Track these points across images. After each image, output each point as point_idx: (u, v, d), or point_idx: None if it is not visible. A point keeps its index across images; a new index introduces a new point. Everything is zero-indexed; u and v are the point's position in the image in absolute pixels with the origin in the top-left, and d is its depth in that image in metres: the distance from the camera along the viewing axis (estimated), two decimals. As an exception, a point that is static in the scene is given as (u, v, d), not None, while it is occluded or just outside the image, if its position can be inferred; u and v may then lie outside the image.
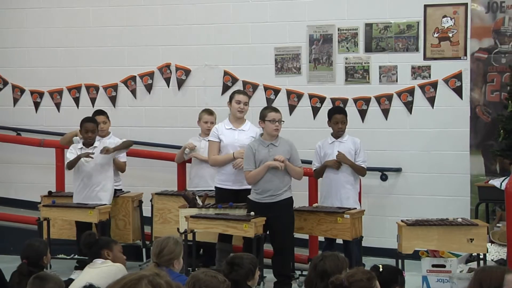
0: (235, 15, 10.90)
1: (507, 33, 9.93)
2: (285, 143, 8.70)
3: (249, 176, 8.61)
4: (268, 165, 8.51)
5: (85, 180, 9.36)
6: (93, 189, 9.34)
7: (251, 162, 8.58)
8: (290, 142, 8.75)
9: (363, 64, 10.50)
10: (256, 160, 8.58)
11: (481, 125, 10.07)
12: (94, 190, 9.33)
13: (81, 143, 9.39)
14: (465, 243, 8.23)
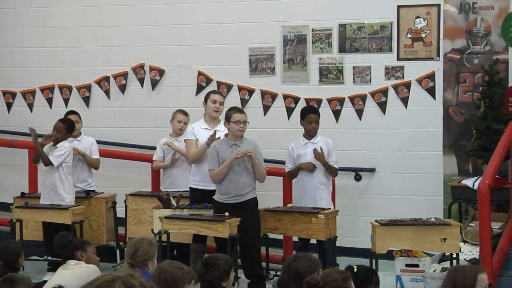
0: (209, 16, 10.89)
1: (479, 34, 9.98)
2: (248, 144, 8.67)
3: (214, 173, 8.57)
4: (232, 160, 8.48)
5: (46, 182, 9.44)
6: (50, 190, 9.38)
7: (215, 161, 8.57)
8: (254, 143, 8.72)
9: (337, 65, 10.52)
10: (220, 159, 8.57)
11: (454, 125, 10.13)
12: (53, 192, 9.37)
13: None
14: (438, 242, 8.27)
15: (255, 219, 8.73)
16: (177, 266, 5.33)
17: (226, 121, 8.65)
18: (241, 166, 8.59)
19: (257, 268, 8.78)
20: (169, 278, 5.16)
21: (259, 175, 8.73)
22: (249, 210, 8.66)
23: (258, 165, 8.63)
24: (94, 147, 9.95)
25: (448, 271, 5.55)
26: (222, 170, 8.51)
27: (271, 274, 9.11)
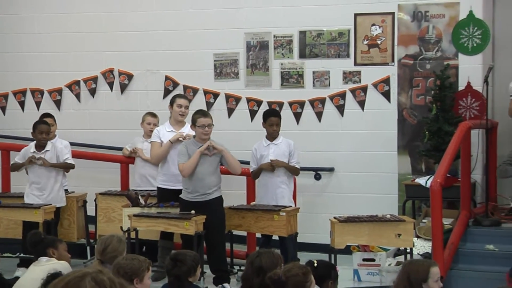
0: (176, 23, 10.87)
1: (431, 41, 10.05)
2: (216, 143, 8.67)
3: (183, 166, 8.50)
4: (199, 152, 8.43)
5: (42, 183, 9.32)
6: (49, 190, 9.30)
7: (185, 155, 8.52)
8: (219, 143, 8.71)
9: (297, 70, 10.55)
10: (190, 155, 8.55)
11: (407, 127, 10.18)
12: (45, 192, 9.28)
13: (33, 146, 9.30)
14: (393, 238, 8.32)
15: (220, 217, 8.72)
16: (132, 258, 5.36)
17: (192, 124, 8.63)
18: (209, 166, 8.57)
19: (222, 263, 8.78)
20: (128, 271, 5.17)
21: (233, 164, 8.69)
22: (215, 208, 8.64)
23: (228, 155, 8.60)
24: (67, 150, 9.85)
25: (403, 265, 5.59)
26: (192, 161, 8.44)
27: (236, 269, 9.10)
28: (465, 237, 9.02)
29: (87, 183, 10.52)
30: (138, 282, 5.19)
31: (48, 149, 9.26)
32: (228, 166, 8.73)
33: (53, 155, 9.29)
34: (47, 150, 9.26)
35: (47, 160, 9.18)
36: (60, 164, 9.33)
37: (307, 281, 4.83)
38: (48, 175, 9.26)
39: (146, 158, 9.70)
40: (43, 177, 9.27)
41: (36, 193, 9.28)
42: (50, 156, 9.24)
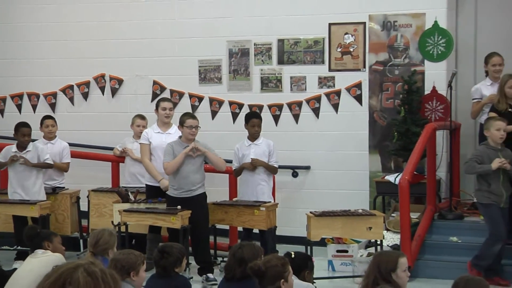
0: (163, 31, 10.85)
1: (399, 49, 10.08)
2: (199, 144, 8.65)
3: (168, 165, 8.50)
4: (183, 154, 8.43)
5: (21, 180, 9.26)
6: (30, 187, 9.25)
7: (171, 155, 8.51)
8: (204, 143, 8.71)
9: (276, 75, 10.55)
10: (174, 156, 8.54)
11: (378, 128, 10.21)
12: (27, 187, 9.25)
13: (15, 146, 9.27)
14: (365, 231, 8.33)
15: (204, 212, 8.71)
16: (128, 253, 5.36)
17: (180, 125, 8.62)
18: (193, 165, 8.56)
19: (206, 255, 8.76)
20: (125, 264, 5.17)
21: (216, 162, 8.68)
22: (199, 204, 8.64)
23: (210, 153, 8.60)
24: (66, 152, 9.84)
25: (373, 256, 5.59)
26: (176, 161, 8.44)
27: (219, 260, 9.10)
28: (431, 230, 9.06)
29: (80, 181, 10.47)
30: (134, 275, 5.19)
31: (30, 149, 9.23)
32: (212, 165, 8.74)
33: (34, 155, 9.25)
34: (29, 150, 9.22)
35: (29, 160, 9.14)
36: (41, 164, 9.27)
37: (285, 271, 4.83)
38: (29, 174, 9.21)
39: (136, 158, 9.70)
40: (25, 176, 9.21)
41: (18, 191, 9.24)
42: (31, 156, 9.21)
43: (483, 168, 8.18)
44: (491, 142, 8.30)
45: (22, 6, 11.43)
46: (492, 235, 8.22)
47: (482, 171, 8.21)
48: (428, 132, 9.07)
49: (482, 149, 8.39)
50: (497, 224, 8.20)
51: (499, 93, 8.68)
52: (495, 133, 8.22)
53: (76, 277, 2.13)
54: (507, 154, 8.25)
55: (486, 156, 8.23)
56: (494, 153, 8.22)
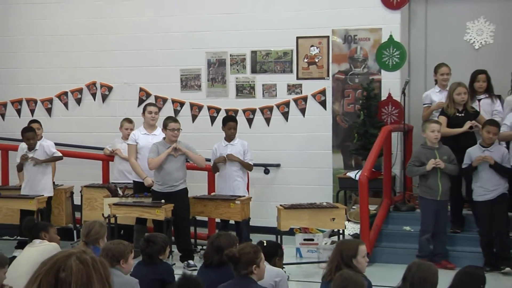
0: (148, 44, 10.82)
1: (359, 59, 10.12)
2: (182, 144, 8.65)
3: (151, 161, 8.51)
4: (166, 153, 8.43)
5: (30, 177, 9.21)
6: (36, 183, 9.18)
7: (155, 153, 8.52)
8: (185, 143, 8.71)
9: (249, 83, 10.55)
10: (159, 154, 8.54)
11: (340, 130, 10.24)
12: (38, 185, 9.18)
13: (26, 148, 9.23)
14: (329, 221, 8.35)
15: (185, 205, 8.70)
16: (118, 243, 5.34)
17: (163, 128, 8.62)
18: (176, 164, 8.56)
19: (187, 243, 8.75)
20: (115, 253, 5.15)
21: (196, 160, 8.71)
22: (181, 198, 8.63)
23: (190, 152, 8.59)
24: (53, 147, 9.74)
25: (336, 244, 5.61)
26: (159, 159, 8.45)
27: (199, 248, 9.07)
28: (387, 220, 9.10)
29: (74, 178, 10.40)
30: (123, 263, 5.16)
31: (37, 149, 9.21)
32: (193, 162, 8.74)
33: (41, 152, 9.22)
34: (36, 149, 9.21)
35: (37, 157, 9.12)
36: (50, 158, 9.26)
37: (256, 257, 4.83)
38: (36, 171, 9.16)
39: (124, 157, 9.65)
40: (33, 173, 9.17)
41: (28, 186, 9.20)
42: (38, 154, 9.18)
43: (419, 170, 8.27)
44: (428, 142, 8.37)
45: (21, 21, 11.35)
46: (421, 226, 8.34)
47: (420, 173, 8.30)
48: (385, 133, 9.12)
49: (419, 150, 8.46)
50: (426, 218, 8.32)
51: (448, 99, 8.73)
52: (430, 135, 8.29)
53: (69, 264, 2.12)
54: (444, 152, 8.30)
55: (423, 156, 8.30)
56: (431, 152, 8.28)
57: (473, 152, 8.23)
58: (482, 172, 8.14)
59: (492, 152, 8.15)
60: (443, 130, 8.48)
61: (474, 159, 8.13)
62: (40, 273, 2.11)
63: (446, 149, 8.33)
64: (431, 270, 4.85)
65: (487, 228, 8.18)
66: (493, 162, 8.04)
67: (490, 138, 8.15)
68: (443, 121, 8.60)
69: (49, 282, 2.09)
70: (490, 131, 8.14)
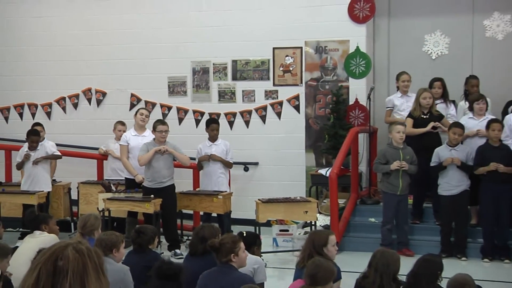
0: (138, 53, 10.77)
1: (329, 68, 10.15)
2: (169, 145, 8.65)
3: (141, 158, 8.52)
4: (154, 151, 8.43)
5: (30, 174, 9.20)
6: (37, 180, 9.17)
7: (144, 152, 8.52)
8: (172, 144, 8.70)
9: (231, 89, 10.54)
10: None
11: (312, 132, 10.27)
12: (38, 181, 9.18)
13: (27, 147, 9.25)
14: (302, 214, 8.38)
15: (173, 199, 8.69)
16: (111, 234, 5.33)
17: (153, 129, 8.62)
18: (164, 162, 8.56)
19: (174, 234, 8.74)
20: (109, 243, 5.13)
21: (181, 159, 8.69)
22: (169, 193, 8.62)
23: (176, 152, 8.59)
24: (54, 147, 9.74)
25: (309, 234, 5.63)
26: (148, 156, 8.47)
27: (185, 238, 9.07)
28: (354, 213, 9.15)
29: (71, 175, 10.34)
30: (116, 252, 5.15)
31: (38, 149, 9.22)
32: (179, 161, 8.73)
33: (42, 152, 9.24)
34: (38, 149, 9.22)
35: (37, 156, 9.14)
36: (50, 156, 9.25)
37: (235, 247, 4.84)
38: (37, 168, 9.15)
39: (116, 156, 9.60)
40: (34, 171, 9.17)
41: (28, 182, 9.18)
42: (39, 153, 9.21)
43: (384, 168, 8.31)
44: (393, 142, 8.42)
45: (23, 33, 11.26)
46: (383, 217, 8.40)
47: (384, 170, 8.34)
48: (352, 134, 9.15)
49: (385, 149, 8.51)
50: (387, 210, 8.38)
51: (415, 102, 8.77)
52: (396, 135, 8.33)
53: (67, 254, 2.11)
54: (407, 152, 8.36)
55: (389, 154, 8.35)
56: (396, 151, 8.33)
57: (441, 151, 8.29)
58: (448, 170, 8.21)
59: (458, 151, 8.22)
60: (409, 130, 8.55)
61: (444, 160, 8.17)
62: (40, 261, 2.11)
63: (409, 149, 8.38)
64: (394, 257, 4.88)
65: (448, 219, 8.26)
66: (460, 163, 8.11)
67: (455, 139, 8.22)
68: (409, 123, 8.66)
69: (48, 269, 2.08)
70: (456, 132, 8.21)
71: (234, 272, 4.80)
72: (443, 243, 8.23)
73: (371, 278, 4.76)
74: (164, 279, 3.91)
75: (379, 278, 4.72)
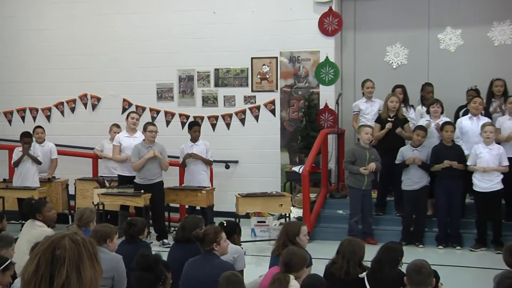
0: (130, 62, 10.73)
1: (301, 76, 10.19)
2: (158, 146, 8.66)
3: (135, 165, 8.54)
4: (146, 157, 8.43)
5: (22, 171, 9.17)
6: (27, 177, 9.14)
7: (137, 156, 8.53)
8: (161, 145, 8.69)
9: (213, 94, 10.53)
10: (140, 155, 8.53)
11: (287, 133, 10.29)
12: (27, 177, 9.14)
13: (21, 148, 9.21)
14: (277, 207, 8.40)
15: (161, 194, 8.68)
16: (105, 225, 5.29)
17: (144, 130, 8.62)
18: (153, 163, 8.55)
19: (162, 226, 8.72)
20: (103, 234, 5.09)
21: (164, 166, 8.71)
22: (158, 189, 8.62)
23: (163, 160, 8.60)
24: (53, 150, 9.70)
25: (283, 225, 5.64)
26: (141, 162, 8.45)
27: (172, 229, 9.04)
28: (324, 206, 9.19)
29: (69, 172, 10.25)
30: (109, 242, 5.10)
31: (31, 148, 9.19)
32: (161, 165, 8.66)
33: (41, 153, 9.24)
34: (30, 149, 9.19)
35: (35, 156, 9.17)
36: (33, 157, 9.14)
37: (217, 237, 4.83)
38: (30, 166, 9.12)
39: (109, 157, 9.56)
40: (26, 169, 9.15)
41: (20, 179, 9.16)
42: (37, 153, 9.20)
43: (353, 169, 8.33)
44: (361, 142, 8.47)
45: (25, 44, 11.17)
46: (350, 210, 8.43)
47: (353, 171, 8.35)
48: (322, 136, 9.20)
49: (354, 148, 8.54)
50: (354, 203, 8.41)
51: (384, 106, 8.83)
52: (364, 136, 8.38)
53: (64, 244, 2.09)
54: (372, 152, 8.42)
55: (357, 154, 8.38)
56: (363, 151, 8.38)
57: (405, 150, 8.36)
58: (410, 168, 8.27)
59: (420, 151, 8.28)
60: (377, 134, 8.62)
61: (407, 159, 8.23)
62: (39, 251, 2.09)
63: (374, 150, 8.44)
64: (359, 245, 4.91)
65: (410, 211, 8.33)
66: (421, 163, 8.17)
67: (419, 140, 8.29)
68: (377, 128, 8.72)
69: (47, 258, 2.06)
70: (419, 134, 8.28)
71: (217, 259, 4.79)
72: (403, 233, 8.30)
73: (339, 264, 4.79)
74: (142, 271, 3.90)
75: (346, 264, 4.75)
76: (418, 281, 4.14)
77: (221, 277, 4.15)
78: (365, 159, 8.28)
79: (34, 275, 2.04)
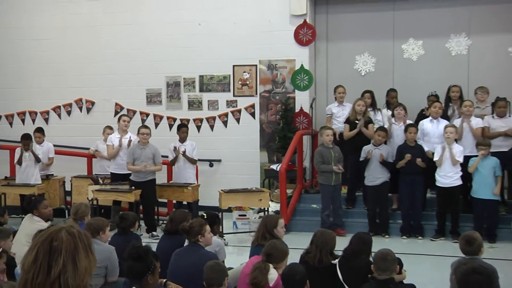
0: (122, 69, 10.68)
1: (279, 82, 10.20)
2: (151, 147, 8.62)
3: (129, 167, 8.54)
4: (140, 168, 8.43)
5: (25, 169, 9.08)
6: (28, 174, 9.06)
7: (131, 157, 8.50)
8: (154, 147, 8.66)
9: (198, 99, 10.51)
10: (134, 156, 8.51)
11: (265, 134, 10.31)
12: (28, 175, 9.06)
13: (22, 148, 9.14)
14: (257, 201, 8.42)
15: (153, 191, 8.65)
16: (98, 219, 5.28)
17: (137, 133, 8.65)
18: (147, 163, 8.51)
19: (152, 219, 8.68)
20: (96, 227, 5.07)
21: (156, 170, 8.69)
22: (150, 186, 8.60)
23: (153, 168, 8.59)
24: (51, 150, 9.62)
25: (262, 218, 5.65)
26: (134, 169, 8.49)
27: (160, 222, 9.01)
28: (300, 200, 9.21)
29: (66, 170, 10.15)
30: (102, 234, 5.08)
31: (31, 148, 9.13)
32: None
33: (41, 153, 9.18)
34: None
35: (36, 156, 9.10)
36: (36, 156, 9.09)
37: (201, 230, 4.83)
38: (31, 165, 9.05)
39: (104, 156, 9.51)
40: (28, 167, 9.06)
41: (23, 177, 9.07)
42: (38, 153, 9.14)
43: (326, 168, 8.33)
44: (324, 143, 8.48)
45: (25, 52, 11.07)
46: (322, 205, 8.46)
47: (325, 170, 8.37)
48: (298, 136, 9.23)
49: (320, 149, 8.53)
50: (325, 198, 8.42)
51: (352, 109, 8.88)
52: (325, 138, 8.42)
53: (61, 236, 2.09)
54: (336, 150, 8.45)
55: (323, 154, 8.41)
56: (327, 150, 8.41)
57: (367, 149, 8.42)
58: (372, 165, 8.34)
59: (381, 150, 8.35)
60: (346, 134, 8.66)
61: (367, 152, 8.31)
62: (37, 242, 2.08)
63: (337, 148, 8.47)
64: (331, 235, 4.93)
65: (373, 205, 8.39)
66: (382, 159, 8.23)
67: (379, 140, 8.35)
68: (347, 128, 8.77)
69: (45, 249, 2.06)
70: (380, 134, 8.35)
71: (201, 250, 4.80)
72: (370, 224, 8.36)
73: (312, 253, 4.81)
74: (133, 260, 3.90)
75: (319, 253, 4.77)
76: (384, 267, 4.19)
77: (205, 266, 4.15)
78: (331, 157, 8.34)
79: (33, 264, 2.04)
